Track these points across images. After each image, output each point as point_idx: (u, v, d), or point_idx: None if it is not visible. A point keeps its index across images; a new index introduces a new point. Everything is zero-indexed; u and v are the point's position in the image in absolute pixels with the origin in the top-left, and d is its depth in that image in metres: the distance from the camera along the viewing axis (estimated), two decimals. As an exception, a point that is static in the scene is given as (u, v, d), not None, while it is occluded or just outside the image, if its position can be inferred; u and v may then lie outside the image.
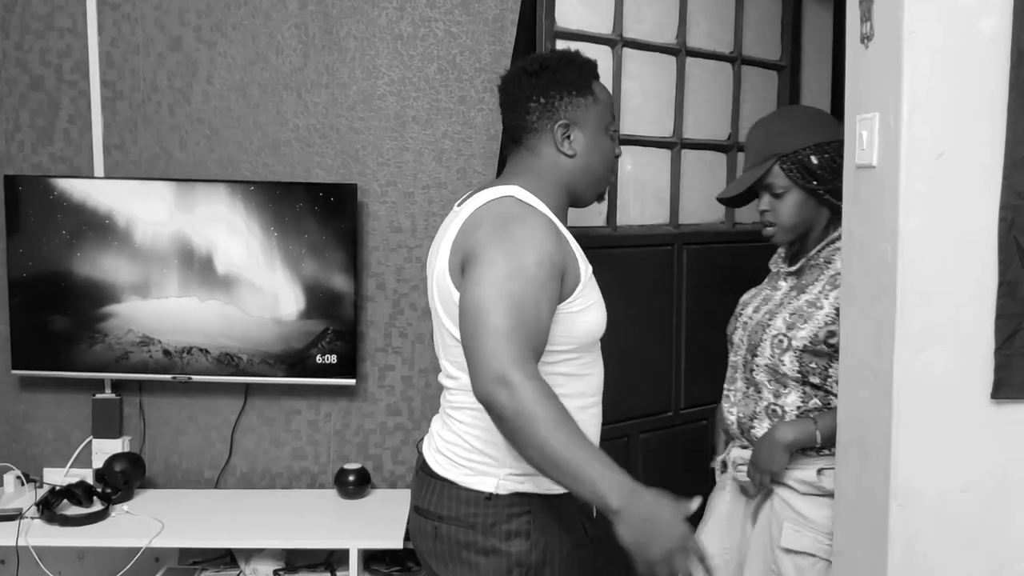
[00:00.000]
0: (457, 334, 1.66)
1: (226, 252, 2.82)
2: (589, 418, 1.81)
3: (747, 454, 2.09)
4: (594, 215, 2.60)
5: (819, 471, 2.04)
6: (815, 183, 2.01)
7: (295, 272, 2.82)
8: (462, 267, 1.67)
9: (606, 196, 1.95)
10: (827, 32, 3.22)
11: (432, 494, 1.79)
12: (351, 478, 2.90)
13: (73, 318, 2.83)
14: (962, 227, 1.78)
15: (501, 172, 1.89)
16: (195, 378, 2.86)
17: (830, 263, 2.05)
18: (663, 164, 2.78)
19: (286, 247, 2.81)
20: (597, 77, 1.85)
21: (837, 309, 1.97)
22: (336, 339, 2.85)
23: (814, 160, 2.01)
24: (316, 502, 2.89)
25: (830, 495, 2.03)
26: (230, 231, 2.81)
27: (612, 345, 1.86)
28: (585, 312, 1.73)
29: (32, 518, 2.68)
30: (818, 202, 2.04)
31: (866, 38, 1.90)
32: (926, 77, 1.75)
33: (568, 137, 1.79)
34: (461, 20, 2.89)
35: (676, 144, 2.74)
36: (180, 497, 2.91)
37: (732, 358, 2.16)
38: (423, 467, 1.83)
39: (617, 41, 2.55)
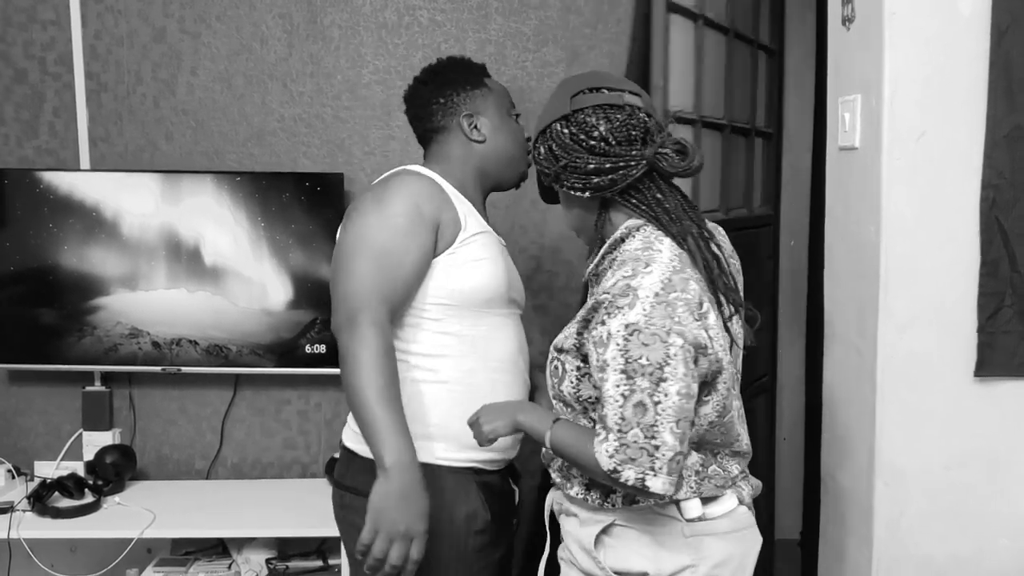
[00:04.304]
0: None
1: (213, 243, 2.81)
2: (496, 384, 1.82)
3: (560, 496, 1.71)
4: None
5: (605, 530, 1.58)
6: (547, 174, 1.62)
7: (283, 262, 2.82)
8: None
9: (527, 179, 2.02)
10: (811, 15, 3.23)
11: (342, 465, 1.90)
12: (342, 467, 2.90)
13: (61, 311, 2.82)
14: (944, 207, 1.80)
15: None
16: (185, 369, 2.86)
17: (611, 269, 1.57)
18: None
19: (273, 237, 2.81)
20: (488, 75, 2.02)
21: (592, 307, 1.49)
22: (325, 329, 2.84)
23: (540, 148, 1.63)
24: (307, 491, 2.89)
25: None
26: (217, 222, 2.80)
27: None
28: (467, 266, 1.78)
29: (24, 511, 2.68)
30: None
31: (848, 20, 1.91)
32: (907, 58, 1.77)
33: (475, 126, 1.93)
34: (446, 8, 2.89)
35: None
36: (171, 488, 2.92)
37: None
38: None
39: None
